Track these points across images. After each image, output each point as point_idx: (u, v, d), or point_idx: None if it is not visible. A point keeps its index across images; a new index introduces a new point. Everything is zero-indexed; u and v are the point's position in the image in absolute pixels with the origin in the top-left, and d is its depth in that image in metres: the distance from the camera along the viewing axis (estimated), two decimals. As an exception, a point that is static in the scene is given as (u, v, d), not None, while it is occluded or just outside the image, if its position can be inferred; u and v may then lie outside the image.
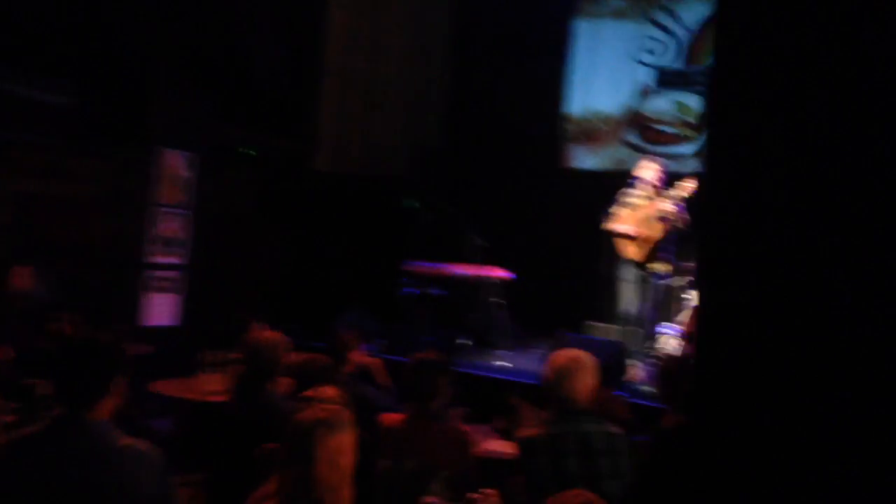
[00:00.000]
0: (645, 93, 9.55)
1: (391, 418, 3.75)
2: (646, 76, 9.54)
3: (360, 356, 5.47)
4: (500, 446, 4.18)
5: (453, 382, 3.84)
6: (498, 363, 7.19)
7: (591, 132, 9.86)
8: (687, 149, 9.30)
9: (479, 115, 10.26)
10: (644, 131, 9.56)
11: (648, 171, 7.35)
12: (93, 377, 2.77)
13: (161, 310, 7.10)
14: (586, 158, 9.91)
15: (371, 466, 3.57)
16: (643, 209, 7.30)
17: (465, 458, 3.62)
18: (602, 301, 9.53)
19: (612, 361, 6.14)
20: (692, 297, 7.87)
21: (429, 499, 3.06)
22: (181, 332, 7.19)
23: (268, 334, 4.38)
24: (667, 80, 9.44)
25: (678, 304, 8.10)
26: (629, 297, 7.46)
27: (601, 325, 9.05)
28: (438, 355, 3.88)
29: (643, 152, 9.53)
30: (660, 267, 7.70)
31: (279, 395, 4.28)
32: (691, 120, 9.28)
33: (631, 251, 7.44)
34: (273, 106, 9.03)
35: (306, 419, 2.50)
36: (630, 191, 7.43)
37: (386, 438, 3.66)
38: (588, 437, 3.40)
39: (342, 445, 2.48)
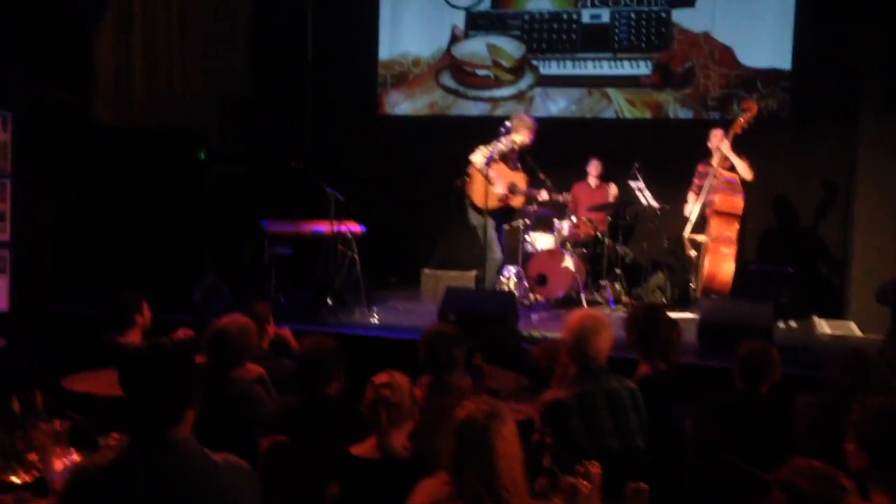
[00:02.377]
0: (457, 36, 9.60)
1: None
2: (457, 20, 9.58)
3: (273, 328, 5.18)
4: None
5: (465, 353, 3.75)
6: (371, 321, 7.06)
7: (405, 77, 9.79)
8: (504, 92, 9.51)
9: (284, 62, 9.82)
10: (459, 75, 9.64)
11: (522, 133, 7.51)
12: (178, 389, 2.42)
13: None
14: (403, 104, 9.84)
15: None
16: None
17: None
18: (440, 247, 9.69)
19: (508, 311, 6.26)
20: (531, 239, 8.19)
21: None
22: (12, 318, 6.36)
23: (237, 318, 4.03)
24: (478, 23, 9.55)
25: (518, 246, 8.44)
26: (492, 242, 7.62)
27: (440, 272, 9.19)
28: (451, 326, 3.76)
29: (460, 96, 9.65)
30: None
31: (247, 382, 3.98)
32: (505, 63, 9.49)
33: (491, 200, 7.61)
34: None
35: (477, 415, 2.37)
36: (499, 143, 7.57)
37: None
38: (615, 394, 3.49)
39: (513, 436, 2.40)
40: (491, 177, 7.76)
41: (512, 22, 9.40)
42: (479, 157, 7.63)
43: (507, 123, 7.80)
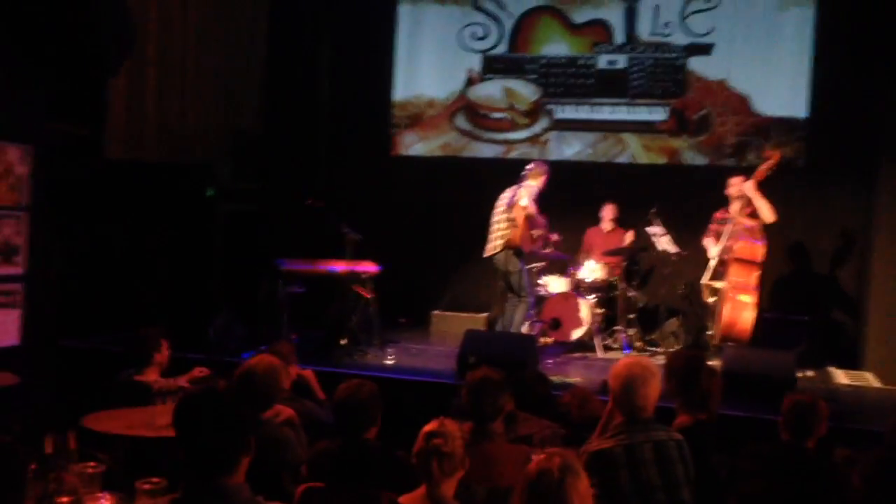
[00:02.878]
0: (473, 79, 9.62)
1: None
2: (473, 62, 9.61)
3: (296, 369, 5.08)
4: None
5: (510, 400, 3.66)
6: (386, 362, 6.96)
7: (419, 118, 9.79)
8: (519, 135, 9.51)
9: (299, 100, 9.82)
10: (474, 117, 9.65)
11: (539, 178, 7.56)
12: (234, 436, 2.34)
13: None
14: (416, 145, 9.83)
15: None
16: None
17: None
18: (450, 289, 9.62)
19: (529, 355, 6.18)
20: (545, 283, 8.14)
21: None
22: (22, 351, 6.26)
23: (264, 358, 3.94)
24: (494, 66, 9.57)
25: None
26: (527, 286, 7.56)
27: (450, 313, 9.12)
28: (496, 372, 3.67)
29: (474, 138, 9.65)
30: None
31: (276, 425, 3.88)
32: (520, 106, 9.50)
33: (527, 243, 7.60)
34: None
35: (552, 468, 2.29)
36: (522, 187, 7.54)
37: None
38: (662, 445, 3.38)
39: (587, 490, 2.31)
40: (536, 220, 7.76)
41: (528, 66, 9.43)
42: (526, 200, 7.58)
43: (530, 167, 7.77)
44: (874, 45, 8.12)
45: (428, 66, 9.73)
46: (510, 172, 9.32)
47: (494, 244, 7.61)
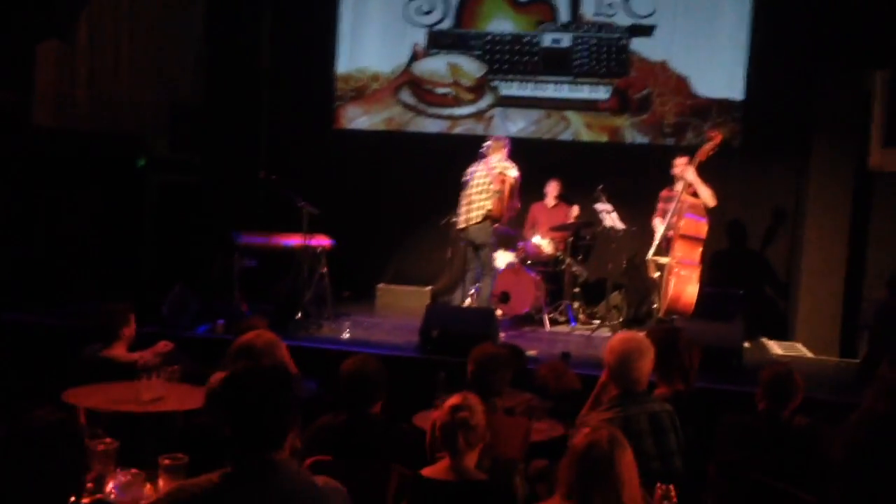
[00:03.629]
0: (418, 54, 9.62)
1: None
2: (418, 37, 9.60)
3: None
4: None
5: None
6: (343, 336, 6.98)
7: (363, 91, 9.75)
8: (463, 110, 9.57)
9: (239, 71, 9.64)
10: (418, 92, 9.66)
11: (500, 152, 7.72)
12: (284, 413, 2.37)
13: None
14: (360, 118, 9.80)
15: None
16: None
17: (527, 446, 3.59)
18: (394, 263, 9.66)
19: (490, 328, 6.29)
20: (497, 258, 8.26)
21: None
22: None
23: (262, 333, 3.94)
24: (439, 42, 9.59)
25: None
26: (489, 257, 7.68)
27: (395, 287, 9.18)
28: (501, 349, 3.75)
29: (418, 113, 9.67)
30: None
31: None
32: (465, 82, 9.55)
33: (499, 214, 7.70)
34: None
35: (601, 441, 2.39)
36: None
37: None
38: (656, 416, 3.54)
39: (632, 461, 2.42)
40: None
41: (473, 42, 9.48)
42: (515, 171, 7.69)
43: (488, 144, 7.84)
44: (808, 28, 8.46)
45: (372, 39, 9.68)
46: (454, 148, 9.43)
47: (472, 215, 7.66)
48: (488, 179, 7.60)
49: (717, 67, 8.90)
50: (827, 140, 8.37)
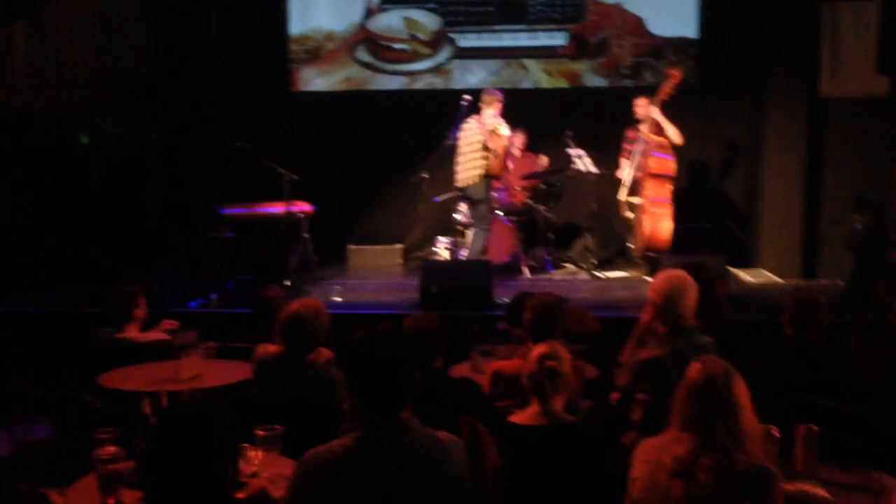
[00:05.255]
0: (371, 10, 9.53)
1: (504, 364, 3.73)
2: (370, -7, 9.52)
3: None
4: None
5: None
6: (335, 300, 7.00)
7: (318, 52, 9.63)
8: (422, 65, 9.55)
9: (188, 39, 9.40)
10: (375, 49, 9.59)
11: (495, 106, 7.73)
12: (408, 374, 2.44)
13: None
14: (317, 80, 9.69)
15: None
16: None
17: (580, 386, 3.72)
18: (361, 224, 9.65)
19: (487, 281, 6.39)
20: (466, 210, 8.34)
21: None
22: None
23: (306, 302, 3.95)
24: (392, -4, 9.53)
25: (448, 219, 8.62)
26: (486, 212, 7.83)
27: (366, 247, 9.20)
28: (554, 295, 3.85)
29: (377, 71, 9.62)
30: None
31: (322, 365, 3.93)
32: (422, 36, 9.52)
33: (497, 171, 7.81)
34: None
35: (717, 372, 2.51)
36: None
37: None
38: (703, 349, 3.68)
39: (745, 389, 2.55)
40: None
41: (427, -6, 9.44)
42: (506, 129, 7.73)
43: (468, 98, 7.80)
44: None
45: (323, -2, 9.55)
46: (415, 104, 9.44)
47: (470, 174, 7.66)
48: (481, 137, 7.62)
49: (671, 6, 9.07)
50: (780, 73, 8.64)
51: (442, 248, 8.64)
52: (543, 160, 8.77)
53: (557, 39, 9.29)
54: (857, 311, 5.49)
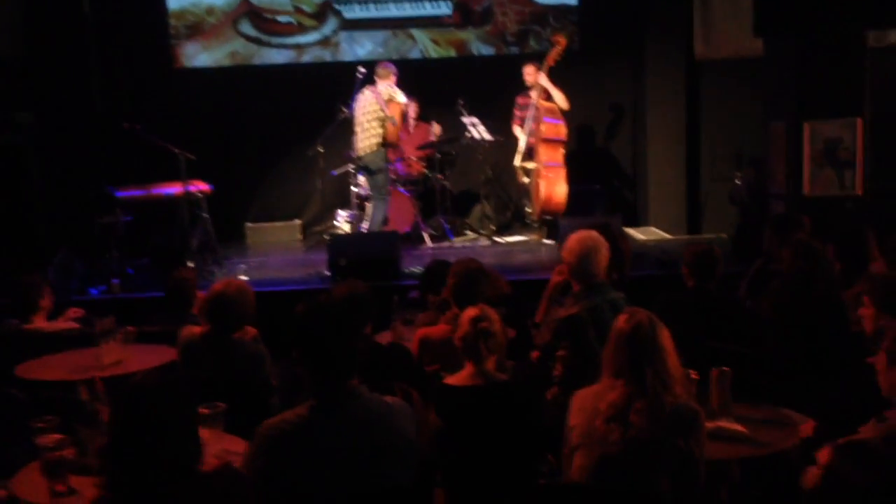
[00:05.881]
0: (254, -17, 9.39)
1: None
2: (252, -35, 9.36)
3: (201, 294, 5.04)
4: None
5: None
6: (243, 277, 6.93)
7: (200, 27, 9.42)
8: (308, 38, 9.47)
9: (61, 18, 9.01)
10: (259, 22, 9.45)
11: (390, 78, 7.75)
12: (355, 342, 2.54)
13: None
14: (200, 55, 9.48)
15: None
16: None
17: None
18: (256, 201, 9.56)
19: (394, 251, 6.48)
20: (362, 182, 8.39)
21: None
22: None
23: (230, 282, 3.96)
24: (274, -32, 9.39)
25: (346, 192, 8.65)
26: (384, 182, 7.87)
27: (264, 224, 9.14)
28: (476, 261, 4.00)
29: (262, 44, 9.50)
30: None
31: (249, 343, 3.96)
32: (306, 8, 9.43)
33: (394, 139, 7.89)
34: None
35: (644, 321, 2.68)
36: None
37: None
38: (616, 304, 3.89)
39: (669, 336, 2.73)
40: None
41: (308, -34, 9.35)
42: (402, 97, 7.81)
43: (363, 70, 7.80)
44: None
45: (202, -28, 9.33)
46: (304, 77, 9.37)
47: (368, 143, 7.65)
48: (378, 107, 7.65)
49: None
50: (658, 37, 9.01)
51: (343, 222, 8.66)
52: (436, 129, 8.88)
53: (443, 9, 9.39)
54: (743, 261, 5.84)
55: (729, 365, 3.38)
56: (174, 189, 7.17)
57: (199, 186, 7.38)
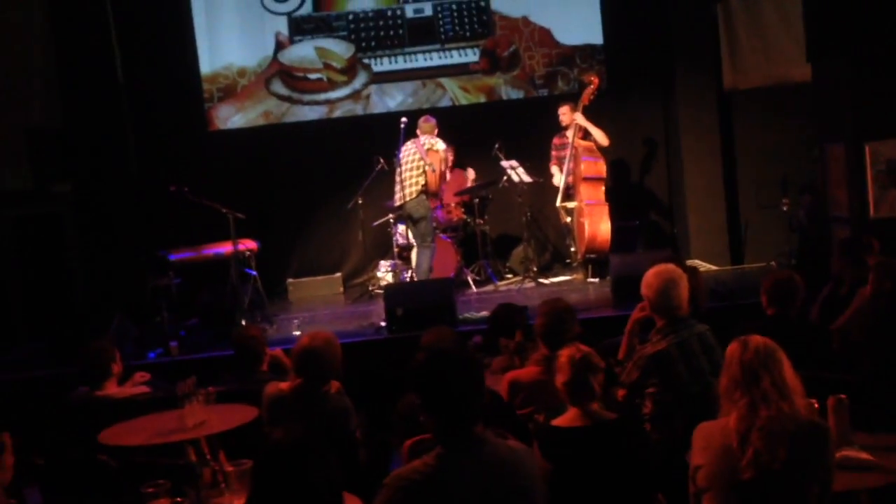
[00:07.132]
0: (282, 43, 9.51)
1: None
2: (279, 25, 9.48)
3: (269, 351, 5.03)
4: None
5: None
6: (297, 333, 6.93)
7: (233, 89, 9.53)
8: (339, 93, 9.56)
9: (95, 86, 9.13)
10: (290, 81, 9.56)
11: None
12: (481, 389, 2.51)
13: None
14: (234, 117, 9.58)
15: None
16: None
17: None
18: (295, 257, 9.57)
19: (448, 298, 6.47)
20: (402, 231, 8.40)
21: None
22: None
23: (318, 334, 3.94)
24: (302, 27, 9.51)
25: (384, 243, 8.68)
26: (426, 229, 7.89)
27: (305, 279, 9.15)
28: (564, 301, 3.98)
29: (294, 102, 9.60)
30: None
31: (336, 396, 3.93)
32: (336, 64, 9.54)
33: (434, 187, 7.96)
34: None
35: (758, 344, 2.67)
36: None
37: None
38: (703, 336, 3.86)
39: (785, 355, 2.71)
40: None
41: (337, 23, 9.47)
42: (443, 144, 7.90)
43: (405, 119, 7.88)
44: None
45: (231, 33, 9.46)
46: (337, 131, 9.46)
47: (408, 191, 7.68)
48: (418, 156, 7.72)
49: (575, 15, 9.38)
50: (686, 69, 9.05)
51: (385, 272, 8.66)
52: (471, 174, 8.92)
53: (469, 56, 9.48)
54: (808, 287, 5.78)
55: (825, 393, 3.33)
56: (224, 248, 7.21)
57: (248, 244, 7.40)
